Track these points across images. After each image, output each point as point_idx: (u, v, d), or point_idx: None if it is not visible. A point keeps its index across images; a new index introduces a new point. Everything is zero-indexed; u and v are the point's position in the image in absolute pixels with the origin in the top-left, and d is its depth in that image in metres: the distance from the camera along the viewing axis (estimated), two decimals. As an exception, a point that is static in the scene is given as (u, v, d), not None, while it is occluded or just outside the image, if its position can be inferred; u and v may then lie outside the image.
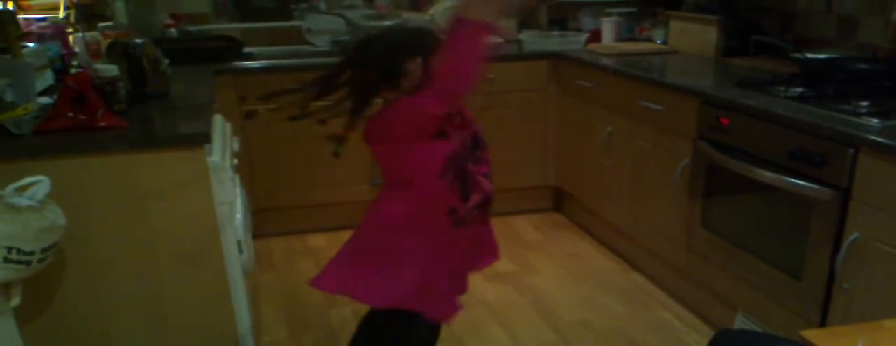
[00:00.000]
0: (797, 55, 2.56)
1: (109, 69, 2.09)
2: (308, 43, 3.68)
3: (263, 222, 3.38)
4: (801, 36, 2.95)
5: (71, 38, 2.94)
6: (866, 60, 2.51)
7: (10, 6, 2.70)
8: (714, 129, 2.37)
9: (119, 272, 1.92)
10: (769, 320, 2.25)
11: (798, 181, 2.01)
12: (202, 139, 1.86)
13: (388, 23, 3.49)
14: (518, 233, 3.48)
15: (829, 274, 1.96)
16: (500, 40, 1.38)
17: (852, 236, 1.86)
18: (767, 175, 2.11)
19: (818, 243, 1.99)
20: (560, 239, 3.42)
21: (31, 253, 1.51)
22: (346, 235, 3.44)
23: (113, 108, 2.03)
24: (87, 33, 2.87)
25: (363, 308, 2.73)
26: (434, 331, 2.00)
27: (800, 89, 2.27)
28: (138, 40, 2.30)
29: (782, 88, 2.29)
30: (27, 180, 1.54)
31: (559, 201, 3.76)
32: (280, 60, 3.31)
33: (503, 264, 3.11)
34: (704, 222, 2.49)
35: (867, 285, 1.86)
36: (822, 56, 2.58)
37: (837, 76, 2.39)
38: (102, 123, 1.91)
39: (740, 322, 2.37)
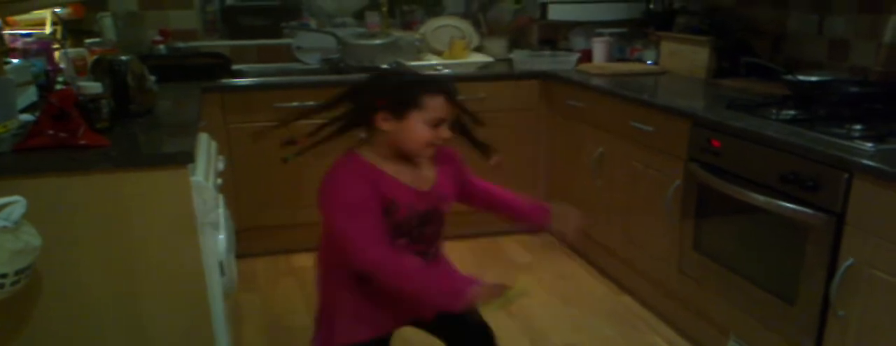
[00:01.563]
0: (788, 77, 2.55)
1: (93, 86, 2.06)
2: (298, 61, 3.66)
3: (248, 241, 3.33)
4: (792, 58, 2.94)
5: (56, 54, 2.91)
6: (858, 83, 2.50)
7: (-6, 22, 2.67)
8: (705, 151, 2.35)
9: (98, 294, 1.87)
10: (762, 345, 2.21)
11: (791, 205, 1.99)
12: (184, 159, 1.83)
13: (378, 42, 3.47)
14: (508, 254, 3.45)
15: (823, 300, 1.93)
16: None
17: (847, 262, 1.83)
18: (759, 199, 2.09)
19: (812, 268, 1.96)
20: (550, 260, 3.38)
21: (4, 276, 1.46)
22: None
23: (95, 126, 2.00)
24: (73, 50, 2.84)
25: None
26: None
27: (792, 112, 2.25)
28: (124, 57, 2.26)
29: (774, 110, 2.28)
30: (2, 200, 1.50)
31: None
32: (269, 77, 3.29)
33: (492, 286, 3.07)
34: (696, 245, 2.46)
35: (862, 313, 1.83)
36: (813, 78, 2.57)
37: (829, 99, 2.37)
38: (83, 142, 1.87)
39: (732, 348, 2.34)
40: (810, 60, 2.86)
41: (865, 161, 1.77)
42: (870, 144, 1.86)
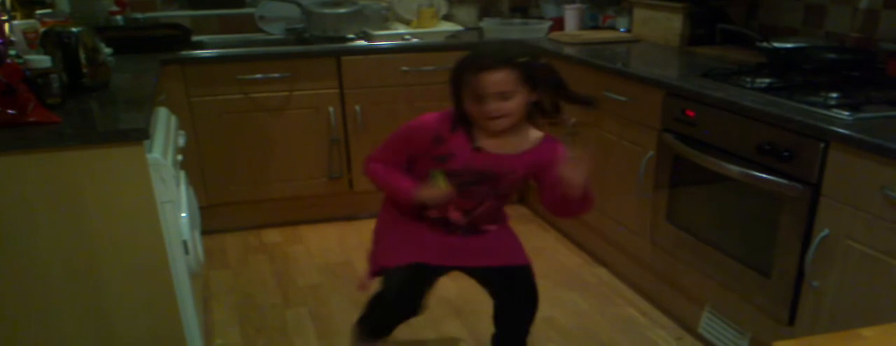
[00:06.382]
0: (764, 44, 2.51)
1: (41, 60, 1.96)
2: (261, 31, 3.55)
3: (217, 217, 3.25)
4: (768, 24, 2.90)
5: (7, 26, 2.77)
6: (835, 50, 2.46)
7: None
8: (679, 121, 2.31)
9: (56, 278, 1.80)
10: (737, 317, 2.20)
11: (766, 176, 1.95)
12: (139, 135, 1.74)
13: (343, 10, 3.36)
14: (481, 226, 3.40)
15: (798, 271, 1.91)
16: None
17: (822, 233, 1.80)
18: (734, 169, 2.05)
19: (787, 239, 1.93)
20: (524, 233, 3.29)
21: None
22: (303, 230, 3.39)
23: (46, 101, 1.90)
24: (24, 21, 2.72)
25: (320, 309, 2.64)
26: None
27: (767, 80, 2.21)
28: (74, 29, 2.15)
29: (749, 79, 2.23)
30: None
31: (523, 194, 3.69)
32: (231, 48, 3.18)
33: (465, 260, 3.03)
34: (670, 217, 2.43)
35: (838, 283, 1.81)
36: (789, 45, 2.52)
37: (805, 66, 2.34)
38: (32, 119, 1.78)
39: (707, 319, 2.32)
40: (786, 26, 2.81)
41: (842, 130, 1.73)
42: (846, 113, 1.82)
